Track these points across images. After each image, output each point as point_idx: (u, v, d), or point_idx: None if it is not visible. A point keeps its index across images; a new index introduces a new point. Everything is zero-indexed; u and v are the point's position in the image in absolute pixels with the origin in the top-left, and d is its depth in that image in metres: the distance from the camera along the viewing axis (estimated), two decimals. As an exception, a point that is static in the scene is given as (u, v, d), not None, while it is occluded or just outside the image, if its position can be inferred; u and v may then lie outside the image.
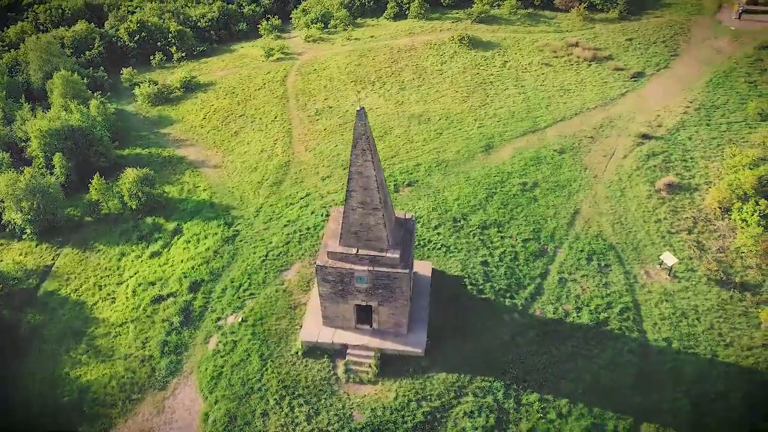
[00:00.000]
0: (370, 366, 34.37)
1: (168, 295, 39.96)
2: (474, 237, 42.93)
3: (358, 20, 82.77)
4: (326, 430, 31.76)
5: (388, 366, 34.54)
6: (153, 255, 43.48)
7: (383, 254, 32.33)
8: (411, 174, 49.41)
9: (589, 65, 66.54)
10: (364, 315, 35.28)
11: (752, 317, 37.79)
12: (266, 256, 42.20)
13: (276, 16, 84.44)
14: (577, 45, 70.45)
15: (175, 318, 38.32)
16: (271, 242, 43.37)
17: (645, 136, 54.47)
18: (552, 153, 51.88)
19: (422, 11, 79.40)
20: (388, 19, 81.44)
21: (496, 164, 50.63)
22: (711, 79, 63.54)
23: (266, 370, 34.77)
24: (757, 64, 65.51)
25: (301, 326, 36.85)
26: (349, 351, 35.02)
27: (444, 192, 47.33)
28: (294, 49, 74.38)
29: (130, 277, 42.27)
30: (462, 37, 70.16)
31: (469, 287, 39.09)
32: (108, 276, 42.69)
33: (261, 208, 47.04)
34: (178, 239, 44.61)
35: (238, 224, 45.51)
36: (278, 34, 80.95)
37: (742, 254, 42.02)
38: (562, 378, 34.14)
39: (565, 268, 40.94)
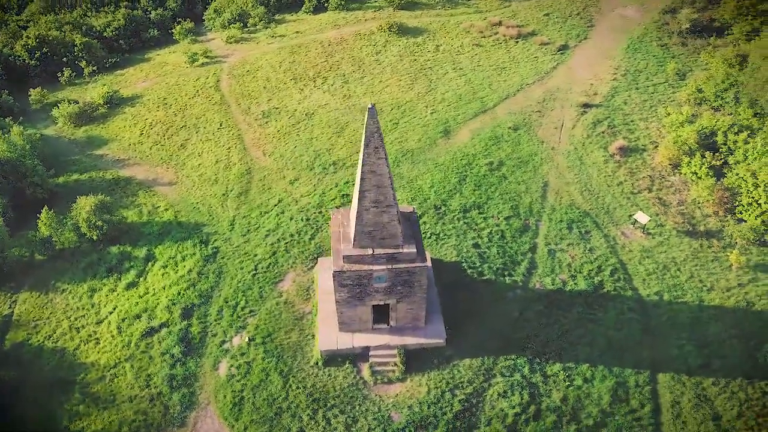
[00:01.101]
0: (395, 364, 34.06)
1: (160, 326, 37.38)
2: (459, 222, 43.44)
3: (277, 17, 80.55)
4: (368, 436, 31.24)
5: (412, 361, 34.41)
6: (129, 286, 40.40)
7: (400, 250, 32.00)
8: (379, 167, 48.99)
9: (516, 42, 68.80)
10: (380, 314, 34.79)
11: (723, 261, 41.04)
12: (255, 269, 40.47)
13: (188, 19, 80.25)
14: (500, 24, 72.56)
15: (175, 349, 35.94)
16: (256, 255, 41.61)
17: (586, 105, 57.30)
18: (507, 131, 53.35)
19: (342, 2, 78.50)
20: (308, 13, 79.83)
21: (458, 147, 51.35)
22: (628, 45, 67.73)
23: (290, 386, 33.53)
24: (664, 28, 70.56)
25: (314, 336, 35.78)
26: (371, 352, 34.48)
27: (417, 181, 47.44)
28: (218, 52, 71.20)
29: (110, 313, 39.07)
30: (390, 25, 70.15)
31: (468, 271, 39.59)
32: (83, 316, 39.20)
33: (234, 220, 44.93)
34: (152, 266, 41.70)
35: (215, 241, 43.25)
36: (194, 38, 77.06)
37: (700, 205, 45.41)
38: (577, 344, 35.53)
39: (550, 240, 42.43)
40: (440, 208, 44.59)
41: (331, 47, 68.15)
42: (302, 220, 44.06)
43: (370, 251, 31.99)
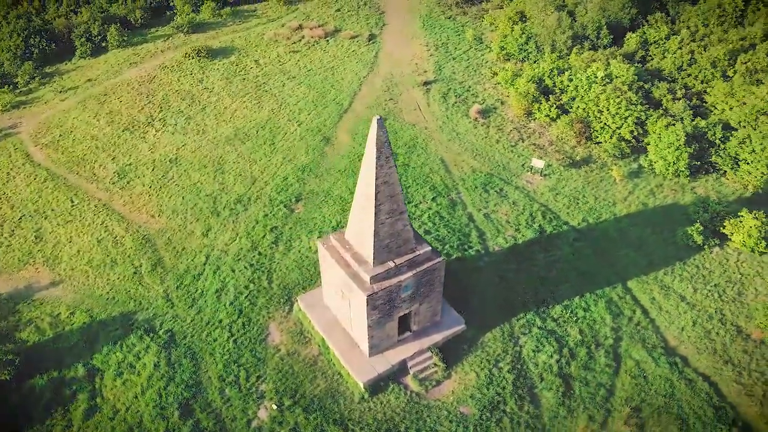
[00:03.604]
0: (435, 365, 33.94)
1: (164, 437, 31.43)
2: (397, 216, 43.90)
3: (47, 69, 69.27)
4: (453, 440, 30.93)
5: (446, 355, 34.60)
6: (88, 415, 32.74)
7: (418, 253, 31.84)
8: (287, 190, 46.81)
9: (328, 41, 70.16)
10: (402, 324, 34.18)
11: (608, 178, 48.52)
12: (231, 334, 36.12)
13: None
14: (301, 27, 73.04)
15: (200, 453, 30.72)
16: (221, 321, 37.02)
17: (426, 83, 61.50)
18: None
19: (123, 38, 70.80)
20: (85, 57, 70.24)
21: (347, 150, 51.35)
22: (423, 24, 73.92)
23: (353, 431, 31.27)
24: (442, 2, 78.26)
25: (340, 374, 33.66)
26: (409, 363, 33.75)
27: (334, 191, 46.51)
28: (-1, 125, 59.19)
29: (84, 453, 31.47)
30: (198, 50, 65.85)
31: (437, 257, 40.55)
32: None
33: (168, 296, 39.08)
34: (102, 380, 34.36)
35: (162, 324, 37.24)
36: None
37: (564, 140, 52.67)
38: (558, 284, 39.24)
39: (479, 206, 45.49)
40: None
41: (144, 87, 61.48)
42: (246, 267, 40.23)
43: (392, 264, 31.18)
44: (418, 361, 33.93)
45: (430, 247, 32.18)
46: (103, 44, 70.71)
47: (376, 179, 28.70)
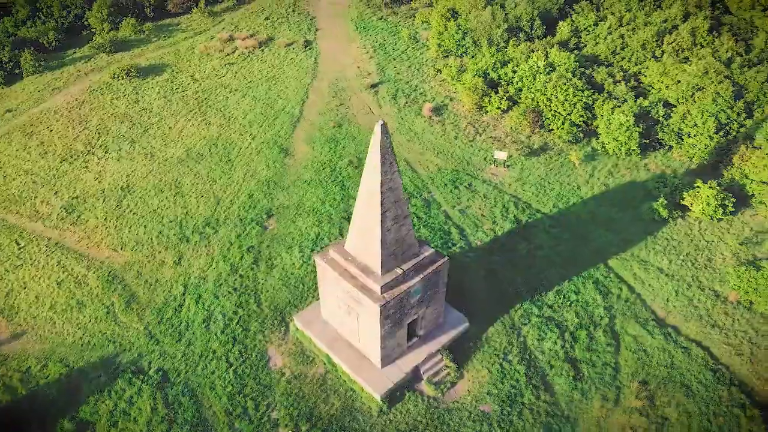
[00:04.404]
0: (447, 366, 33.66)
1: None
2: (375, 221, 43.30)
3: (-45, 101, 63.16)
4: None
5: (455, 355, 34.40)
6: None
7: (422, 256, 31.43)
8: (255, 207, 45.03)
9: (263, 51, 68.37)
10: (409, 330, 33.64)
11: (567, 163, 50.03)
12: (230, 364, 34.21)
13: None
14: (232, 38, 70.72)
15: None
16: (215, 352, 34.94)
17: (373, 85, 61.14)
18: (334, 130, 53.93)
19: (39, 63, 65.73)
20: (-2, 86, 64.63)
21: (309, 161, 50.09)
22: (356, 26, 73.54)
23: (379, 446, 30.43)
24: (370, 3, 78.20)
25: (354, 390, 32.69)
26: (421, 369, 33.26)
27: (305, 203, 45.22)
28: None
29: None
30: (128, 70, 62.22)
31: (423, 258, 40.29)
32: None
33: (150, 333, 36.48)
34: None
35: (150, 364, 34.70)
36: None
37: (518, 130, 53.91)
38: (544, 271, 40.02)
39: (452, 203, 45.66)
40: (348, 218, 43.60)
41: (74, 113, 57.34)
42: (230, 292, 38.29)
43: (399, 271, 30.57)
44: (430, 366, 33.50)
45: (432, 249, 31.82)
46: (17, 71, 65.26)
47: (381, 186, 28.00)
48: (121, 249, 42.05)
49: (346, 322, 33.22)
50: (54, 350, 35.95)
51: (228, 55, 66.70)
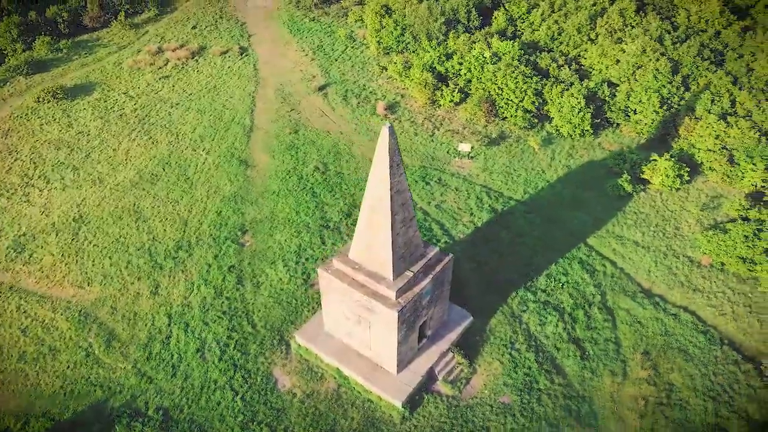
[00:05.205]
0: (459, 363, 33.48)
1: None
2: (355, 227, 42.47)
3: None
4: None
5: (465, 351, 34.29)
6: None
7: (429, 256, 31.06)
8: (226, 224, 42.95)
9: (197, 61, 65.50)
10: (420, 333, 33.19)
11: (527, 150, 51.07)
12: (236, 392, 32.40)
13: None
14: (161, 51, 67.28)
15: None
16: (216, 381, 32.95)
17: (321, 88, 59.94)
18: (291, 136, 52.43)
19: (-53, 91, 59.79)
20: None
21: (273, 171, 48.37)
22: (289, 29, 71.87)
23: (409, 454, 29.81)
24: (299, 5, 76.64)
25: (371, 401, 31.87)
26: (436, 369, 32.90)
27: (279, 215, 43.61)
28: None
29: None
30: (53, 92, 57.72)
31: (412, 258, 39.90)
32: None
33: (140, 371, 33.93)
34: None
35: (147, 404, 32.25)
36: None
37: (474, 121, 54.52)
38: (530, 257, 40.65)
39: (427, 199, 45.50)
40: (327, 226, 42.51)
41: (0, 143, 52.45)
42: (220, 317, 36.29)
43: (410, 273, 30.05)
44: (443, 365, 33.19)
45: (436, 248, 31.48)
46: None
47: (390, 189, 27.31)
48: (88, 285, 38.86)
49: (354, 332, 32.27)
50: (33, 404, 32.70)
51: (160, 68, 63.27)
